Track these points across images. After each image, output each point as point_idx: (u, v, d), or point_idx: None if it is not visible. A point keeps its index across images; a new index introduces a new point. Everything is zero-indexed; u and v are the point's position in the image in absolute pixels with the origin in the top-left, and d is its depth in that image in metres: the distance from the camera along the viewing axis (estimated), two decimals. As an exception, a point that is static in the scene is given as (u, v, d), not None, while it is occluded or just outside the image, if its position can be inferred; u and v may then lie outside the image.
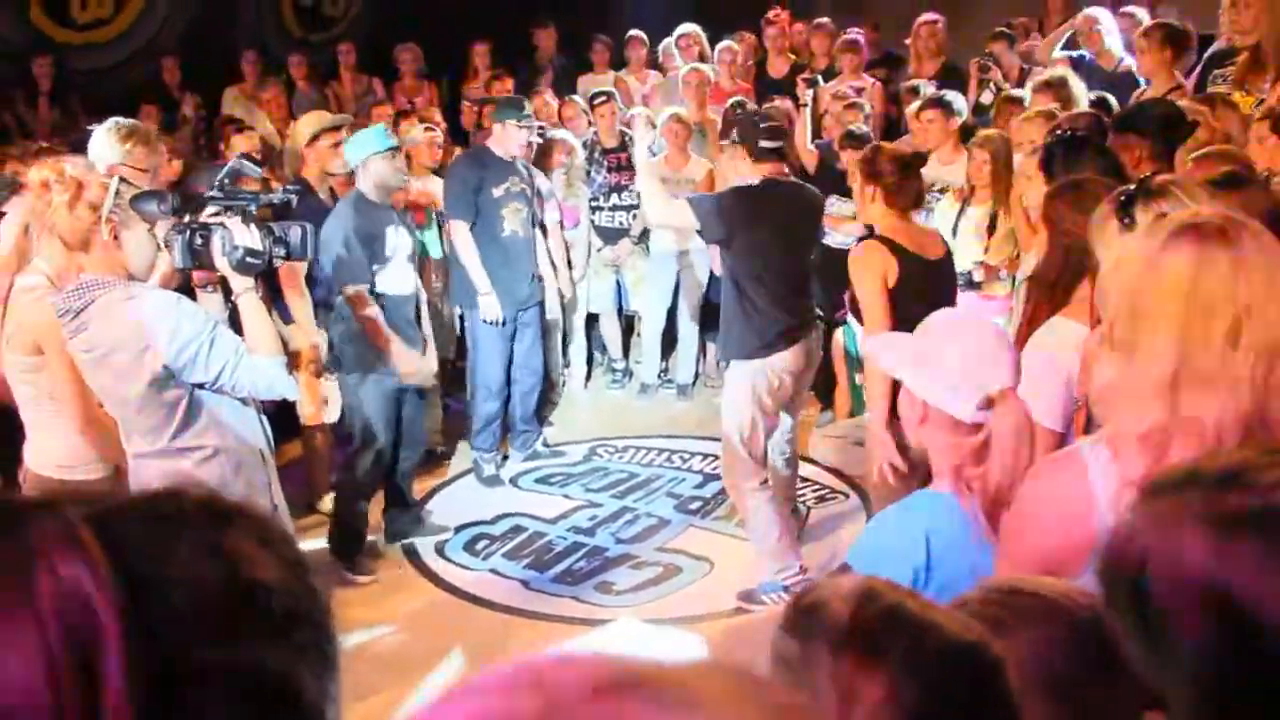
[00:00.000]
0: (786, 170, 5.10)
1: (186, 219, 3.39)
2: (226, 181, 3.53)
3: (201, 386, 3.28)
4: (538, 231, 6.40)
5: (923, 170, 4.69)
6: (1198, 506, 0.98)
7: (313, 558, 4.02)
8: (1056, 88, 5.52)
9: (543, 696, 0.60)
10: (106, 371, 3.24)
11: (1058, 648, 1.25)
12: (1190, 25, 6.15)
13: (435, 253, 6.44)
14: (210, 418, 3.33)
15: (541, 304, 6.43)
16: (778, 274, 4.79)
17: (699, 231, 5.00)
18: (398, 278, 5.28)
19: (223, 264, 3.41)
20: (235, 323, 3.44)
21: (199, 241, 3.38)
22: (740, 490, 4.95)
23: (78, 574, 0.80)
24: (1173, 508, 1.00)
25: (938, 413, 2.19)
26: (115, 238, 3.23)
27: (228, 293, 3.51)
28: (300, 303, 5.04)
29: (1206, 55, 6.14)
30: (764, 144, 4.83)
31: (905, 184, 4.26)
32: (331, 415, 5.65)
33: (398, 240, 5.26)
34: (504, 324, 6.11)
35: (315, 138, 5.69)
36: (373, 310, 5.09)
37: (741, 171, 4.94)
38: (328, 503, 5.76)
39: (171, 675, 0.82)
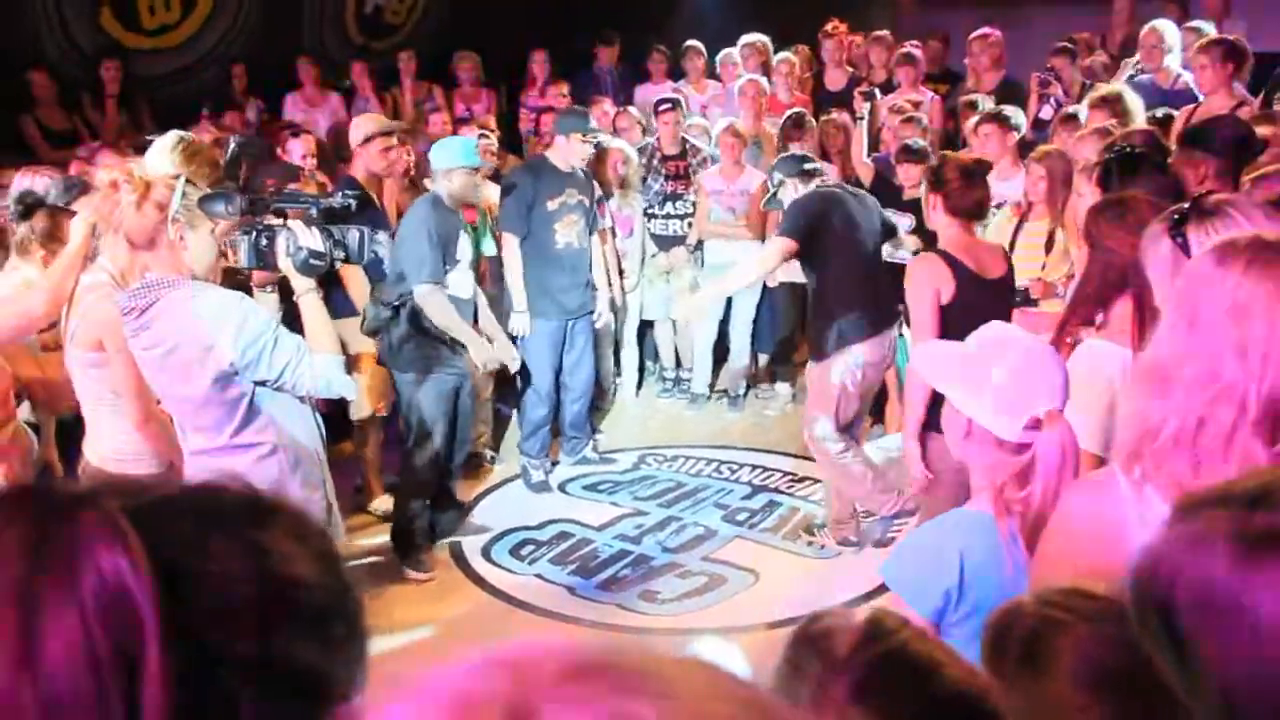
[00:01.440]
0: (829, 179, 5.59)
1: (252, 220, 3.48)
2: (285, 187, 3.61)
3: (263, 384, 3.34)
4: (595, 239, 6.43)
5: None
6: (1224, 526, 0.97)
7: (374, 554, 4.07)
8: (1112, 103, 5.46)
9: (514, 678, 0.61)
10: (169, 369, 3.29)
11: (1115, 645, 1.23)
12: (1245, 41, 6.09)
13: (489, 250, 6.49)
14: (269, 415, 3.40)
15: (593, 313, 6.46)
16: (860, 262, 5.22)
17: (782, 231, 5.30)
18: (463, 281, 5.41)
19: (286, 265, 3.48)
20: (289, 323, 3.51)
21: (264, 242, 3.47)
22: (830, 461, 5.31)
23: (119, 567, 0.82)
24: (1201, 529, 0.99)
25: (982, 430, 2.16)
26: (181, 238, 3.30)
27: (283, 294, 3.58)
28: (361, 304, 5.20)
29: (1276, 73, 6.06)
30: (806, 167, 5.42)
31: (968, 191, 4.25)
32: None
33: (465, 245, 5.41)
34: (553, 332, 6.18)
35: (369, 140, 5.76)
36: (447, 310, 5.23)
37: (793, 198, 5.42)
38: (379, 503, 5.84)
39: (207, 667, 0.84)
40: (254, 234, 3.49)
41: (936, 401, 3.57)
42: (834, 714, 1.11)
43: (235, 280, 3.63)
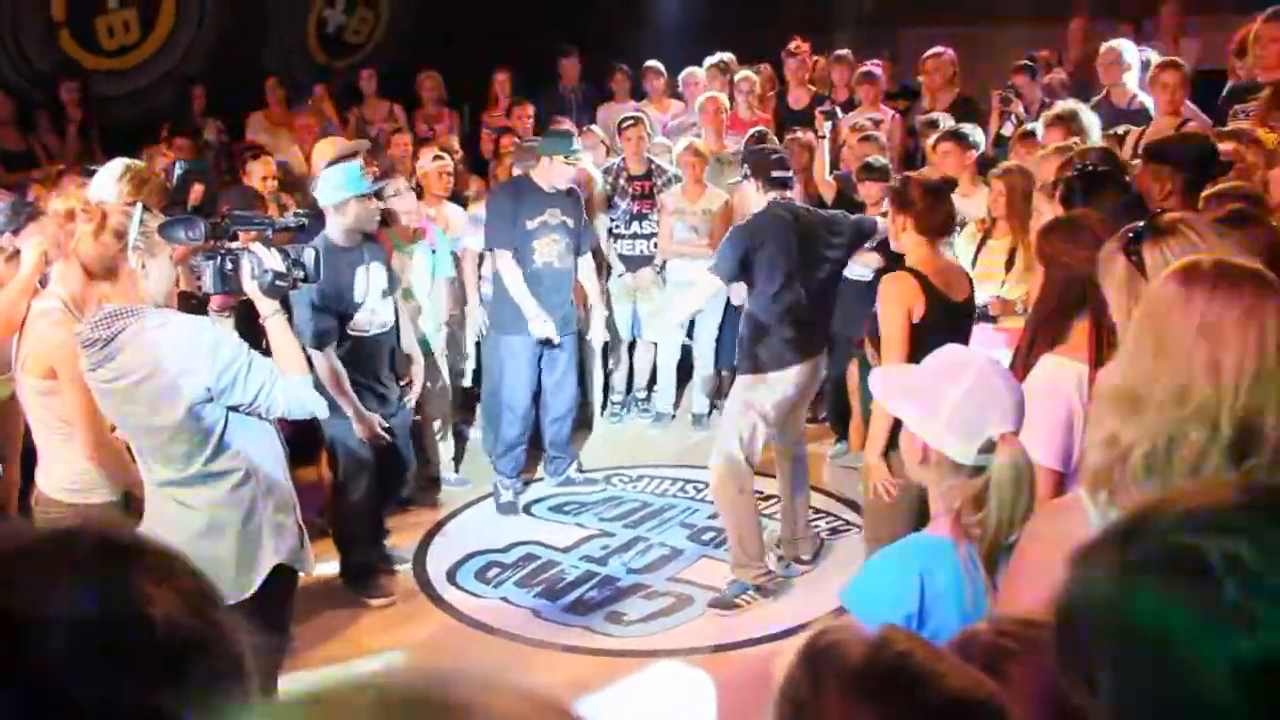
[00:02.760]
0: (791, 196, 5.37)
1: (214, 245, 3.46)
2: (236, 210, 3.60)
3: (236, 409, 3.31)
4: (585, 260, 6.39)
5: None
6: (1109, 559, 1.01)
7: (329, 583, 3.99)
8: (1068, 120, 5.51)
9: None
10: (139, 400, 3.23)
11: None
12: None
13: (446, 272, 6.45)
14: (242, 442, 3.37)
15: (577, 333, 6.44)
16: (788, 292, 5.04)
17: (711, 267, 5.17)
18: (376, 316, 5.24)
19: (252, 288, 3.46)
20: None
21: (229, 266, 3.44)
22: (728, 495, 5.12)
23: None
24: (1090, 565, 1.03)
25: (938, 453, 2.17)
26: (143, 266, 3.27)
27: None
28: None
29: (1227, 89, 6.15)
30: (775, 174, 5.15)
31: (935, 210, 4.26)
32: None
33: (369, 279, 5.15)
34: (530, 350, 6.16)
35: (332, 164, 5.72)
36: (338, 372, 5.03)
37: (752, 201, 5.23)
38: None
39: (49, 715, 0.83)
40: (219, 258, 3.47)
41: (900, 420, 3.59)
42: None
43: (189, 306, 3.59)
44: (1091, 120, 5.52)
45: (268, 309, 3.51)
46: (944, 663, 1.17)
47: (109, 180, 4.20)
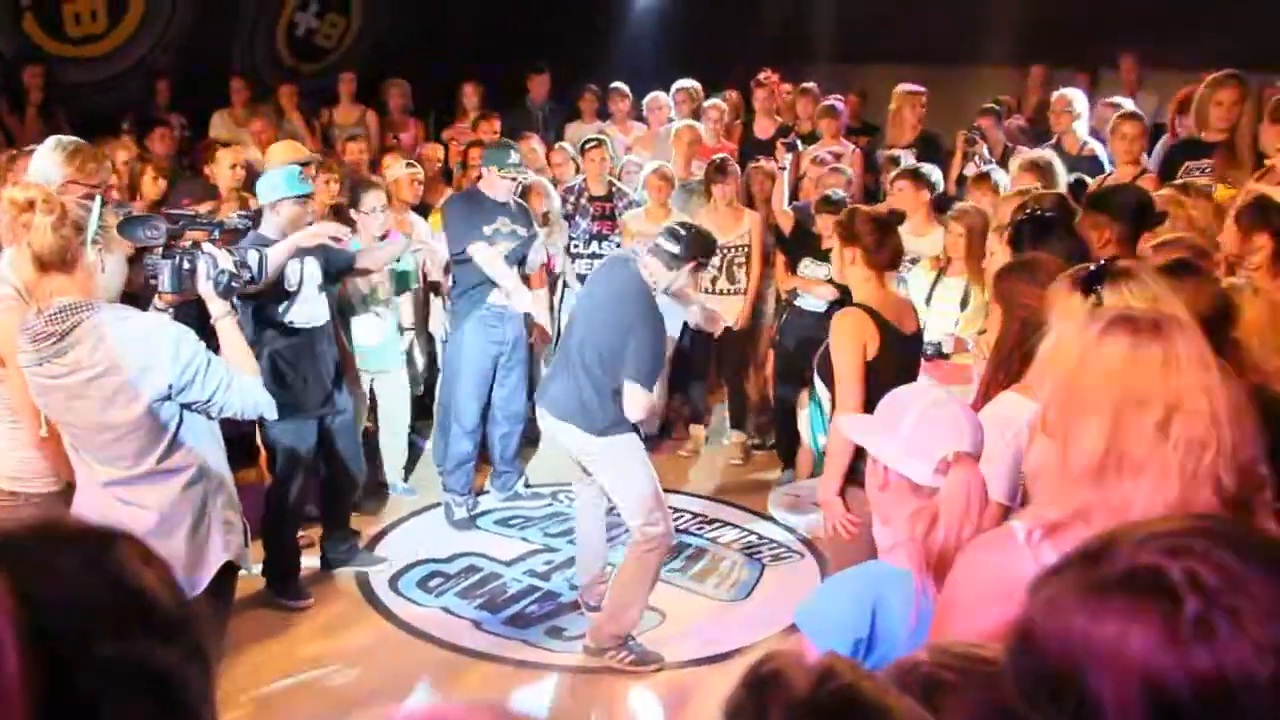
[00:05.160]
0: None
1: (173, 245, 3.46)
2: (173, 209, 3.61)
3: (189, 407, 3.29)
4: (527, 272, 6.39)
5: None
6: (1074, 580, 1.06)
7: (251, 588, 3.96)
8: (1042, 170, 5.59)
9: None
10: (89, 396, 3.18)
11: (1003, 714, 1.26)
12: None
13: (408, 284, 6.45)
14: (193, 439, 3.36)
15: (530, 347, 6.46)
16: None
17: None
18: (310, 310, 5.26)
19: (207, 288, 3.46)
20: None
21: (186, 266, 3.44)
22: (650, 550, 4.84)
23: None
24: (1057, 588, 1.08)
25: (898, 478, 2.23)
26: (100, 260, 3.25)
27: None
28: None
29: (1173, 144, 6.29)
30: (703, 260, 4.98)
31: (883, 244, 4.23)
32: None
33: (302, 272, 5.17)
34: (482, 363, 6.17)
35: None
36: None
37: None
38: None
39: (66, 669, 0.88)
40: (176, 258, 3.47)
41: (858, 454, 3.63)
42: None
43: (129, 303, 3.58)
44: (1061, 173, 5.61)
45: (219, 309, 3.50)
46: (889, 696, 1.19)
47: (44, 158, 4.11)
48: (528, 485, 6.64)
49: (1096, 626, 1.02)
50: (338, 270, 5.48)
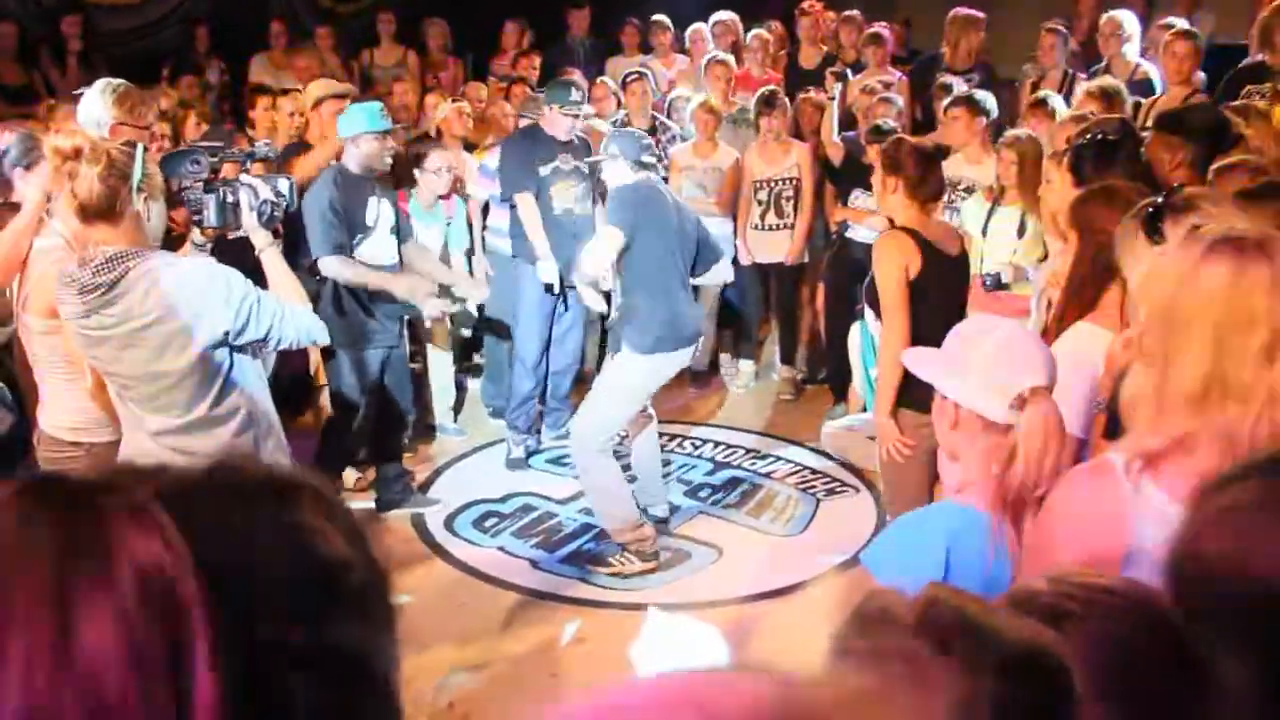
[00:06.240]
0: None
1: (215, 178, 3.45)
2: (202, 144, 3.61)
3: (242, 348, 3.26)
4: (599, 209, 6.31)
5: (945, 164, 4.68)
6: (1255, 495, 1.01)
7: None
8: (1110, 97, 5.36)
9: None
10: (141, 344, 3.14)
11: (1120, 647, 1.22)
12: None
13: (457, 245, 6.41)
14: (244, 382, 3.32)
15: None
16: (662, 274, 5.05)
17: (612, 221, 5.08)
18: (380, 249, 5.29)
19: (250, 220, 3.44)
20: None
21: (230, 199, 3.42)
22: (594, 459, 5.09)
23: (158, 558, 0.77)
24: (1232, 501, 1.02)
25: (969, 415, 2.16)
26: (146, 207, 3.23)
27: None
28: None
29: (1239, 66, 6.10)
30: (643, 159, 5.16)
31: (927, 176, 4.21)
32: None
33: (379, 210, 5.27)
34: (544, 303, 6.15)
35: (319, 103, 5.71)
36: (357, 268, 5.12)
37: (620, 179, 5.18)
38: (345, 478, 5.79)
39: (259, 658, 0.80)
40: (220, 191, 3.44)
41: (907, 377, 3.59)
42: (927, 676, 1.11)
43: (167, 240, 3.57)
44: (1128, 101, 5.42)
45: (263, 240, 3.48)
46: (996, 616, 1.17)
47: (93, 100, 4.12)
48: None
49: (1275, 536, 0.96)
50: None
